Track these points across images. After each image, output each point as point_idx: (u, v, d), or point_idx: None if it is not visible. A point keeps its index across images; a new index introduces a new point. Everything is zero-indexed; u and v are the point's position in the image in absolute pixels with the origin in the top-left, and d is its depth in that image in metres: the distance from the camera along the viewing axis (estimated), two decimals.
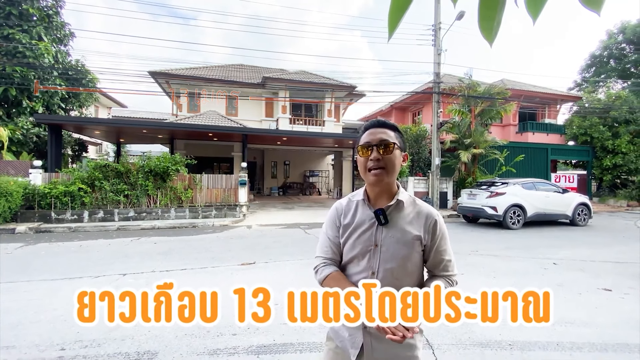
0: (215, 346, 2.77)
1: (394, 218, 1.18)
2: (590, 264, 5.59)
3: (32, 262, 5.48)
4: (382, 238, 1.17)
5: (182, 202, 10.73)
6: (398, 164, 1.19)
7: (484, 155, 14.30)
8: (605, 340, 2.94)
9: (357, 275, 1.19)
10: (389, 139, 1.17)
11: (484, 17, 0.78)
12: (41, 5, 13.55)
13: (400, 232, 1.17)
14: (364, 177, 1.20)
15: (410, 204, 1.23)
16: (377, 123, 1.22)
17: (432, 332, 3.04)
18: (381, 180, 1.16)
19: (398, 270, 1.16)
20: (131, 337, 2.91)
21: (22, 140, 12.51)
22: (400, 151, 1.20)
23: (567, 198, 10.32)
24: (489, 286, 4.47)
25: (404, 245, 1.16)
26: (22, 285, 4.24)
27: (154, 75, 16.95)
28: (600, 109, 18.50)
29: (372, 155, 1.15)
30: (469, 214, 10.71)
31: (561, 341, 2.90)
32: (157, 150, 16.96)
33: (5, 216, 8.62)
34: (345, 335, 1.20)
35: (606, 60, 26.35)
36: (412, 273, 1.19)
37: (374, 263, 1.16)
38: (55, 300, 3.75)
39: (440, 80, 14.05)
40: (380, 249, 1.16)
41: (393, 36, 0.86)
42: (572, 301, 3.89)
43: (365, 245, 1.18)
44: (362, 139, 1.20)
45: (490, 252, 6.40)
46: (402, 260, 1.16)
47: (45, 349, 2.70)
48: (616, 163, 17.54)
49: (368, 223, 1.19)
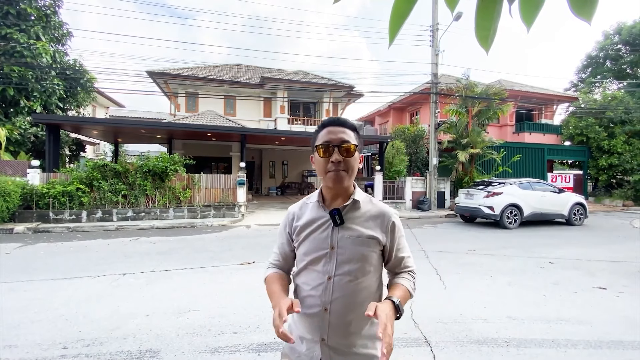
0: (217, 344, 2.81)
1: (350, 218, 1.13)
2: (585, 263, 5.66)
3: (32, 262, 5.48)
4: (338, 239, 1.11)
5: (180, 202, 10.74)
6: (357, 166, 1.15)
7: (481, 156, 14.39)
8: (599, 337, 3.00)
9: (310, 284, 1.12)
10: (350, 140, 1.12)
11: (480, 27, 0.82)
12: (39, 5, 13.49)
13: (356, 233, 1.12)
14: (323, 178, 1.14)
15: (366, 204, 1.18)
16: (337, 121, 1.16)
17: (429, 330, 3.09)
18: (341, 183, 1.11)
19: (356, 272, 1.10)
20: (133, 335, 2.94)
21: (20, 140, 12.45)
22: (358, 152, 1.16)
23: (563, 198, 10.41)
24: (486, 285, 4.55)
25: (361, 246, 1.11)
26: (22, 285, 4.25)
27: (152, 75, 16.91)
28: (596, 110, 18.63)
29: (333, 157, 1.10)
30: (466, 214, 10.78)
31: (557, 338, 2.96)
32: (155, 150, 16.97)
33: (3, 216, 8.59)
34: (302, 350, 1.12)
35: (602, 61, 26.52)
36: (371, 274, 1.13)
37: (331, 267, 1.09)
38: (56, 299, 3.77)
39: (438, 81, 14.13)
40: (336, 251, 1.10)
41: (388, 37, 0.88)
42: (567, 299, 3.95)
43: (321, 249, 1.11)
44: (320, 137, 1.14)
45: (487, 252, 6.47)
46: (360, 261, 1.10)
47: (48, 348, 2.72)
48: (612, 163, 17.68)
49: (323, 225, 1.13)
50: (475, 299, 3.90)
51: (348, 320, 1.08)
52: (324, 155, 1.12)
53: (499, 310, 3.57)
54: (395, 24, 0.85)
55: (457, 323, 3.26)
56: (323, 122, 1.18)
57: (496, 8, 0.81)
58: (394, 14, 0.84)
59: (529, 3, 0.80)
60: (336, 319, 1.07)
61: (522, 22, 0.82)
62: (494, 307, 3.68)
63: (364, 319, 1.08)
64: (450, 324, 3.24)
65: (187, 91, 17.77)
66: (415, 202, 14.06)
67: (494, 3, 0.81)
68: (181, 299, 3.84)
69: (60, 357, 2.59)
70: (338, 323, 1.07)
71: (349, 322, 1.08)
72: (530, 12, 0.81)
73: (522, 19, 0.81)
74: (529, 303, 3.81)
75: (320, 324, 1.08)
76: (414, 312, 3.49)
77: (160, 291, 4.11)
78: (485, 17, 0.81)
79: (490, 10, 0.81)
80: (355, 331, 1.09)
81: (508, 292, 4.21)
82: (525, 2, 0.80)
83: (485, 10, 0.81)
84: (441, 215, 12.44)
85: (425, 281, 4.59)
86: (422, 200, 13.72)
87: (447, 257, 5.98)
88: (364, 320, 1.10)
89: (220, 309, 3.51)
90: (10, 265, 5.28)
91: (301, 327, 1.13)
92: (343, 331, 1.08)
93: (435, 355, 2.68)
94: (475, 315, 3.45)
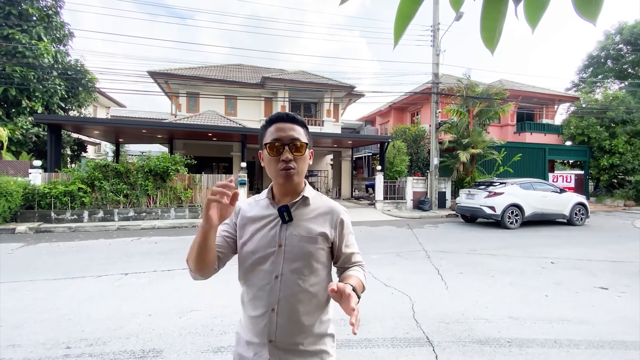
0: (219, 344, 2.81)
1: (299, 215, 1.11)
2: (587, 263, 5.65)
3: (34, 262, 5.50)
4: (285, 236, 1.08)
5: (181, 202, 10.76)
6: (307, 163, 1.14)
7: (482, 155, 14.38)
8: (601, 337, 3.00)
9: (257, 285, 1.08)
10: (301, 138, 1.09)
11: (486, 28, 0.82)
12: (41, 5, 13.52)
13: (305, 230, 1.09)
14: (273, 176, 1.11)
15: (316, 201, 1.16)
16: (286, 117, 1.11)
17: (431, 330, 3.09)
18: (292, 181, 1.09)
19: (304, 269, 1.07)
20: (136, 335, 2.95)
21: (22, 140, 12.49)
22: (308, 150, 1.14)
23: (565, 198, 10.40)
24: (488, 285, 4.55)
25: (308, 243, 1.08)
26: (25, 285, 4.26)
27: (153, 76, 16.93)
28: (597, 110, 18.61)
29: (283, 156, 1.06)
30: (467, 214, 10.78)
31: (559, 338, 2.96)
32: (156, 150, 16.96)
33: (5, 216, 8.62)
34: (250, 356, 1.07)
35: (603, 61, 26.50)
36: (319, 271, 1.11)
37: (278, 266, 1.06)
38: (59, 299, 3.78)
39: (439, 81, 14.13)
40: (284, 249, 1.07)
41: (393, 38, 0.89)
42: (569, 300, 3.95)
43: (269, 247, 1.08)
44: (269, 134, 1.09)
45: (488, 252, 6.46)
46: (308, 259, 1.08)
47: (51, 348, 2.73)
48: (613, 163, 17.66)
49: (271, 222, 1.10)
50: (477, 299, 3.91)
51: (296, 319, 1.05)
52: (273, 153, 1.08)
53: (500, 310, 3.57)
54: (400, 25, 0.85)
55: (459, 323, 3.26)
56: (270, 117, 1.12)
57: (501, 9, 0.81)
58: (399, 15, 0.84)
59: (534, 4, 0.80)
60: (284, 318, 1.04)
61: (527, 23, 0.82)
62: (496, 307, 3.68)
63: (312, 317, 1.08)
64: (452, 324, 3.24)
65: (188, 91, 17.78)
66: (416, 202, 14.05)
67: (500, 4, 0.81)
68: (183, 298, 3.85)
69: (64, 357, 2.60)
70: (286, 323, 1.05)
71: (296, 321, 1.05)
72: (535, 13, 0.81)
73: (526, 20, 0.81)
74: (531, 303, 3.81)
75: (268, 325, 1.04)
76: (416, 312, 3.49)
77: (162, 291, 4.12)
78: (491, 18, 0.82)
79: (496, 11, 0.81)
80: (304, 330, 1.07)
81: (510, 292, 4.21)
82: (530, 3, 0.80)
83: (491, 11, 0.82)
84: (442, 215, 12.43)
85: (426, 281, 4.60)
86: (423, 200, 13.72)
87: (449, 257, 5.98)
88: (312, 318, 1.08)
89: (222, 309, 3.52)
90: (12, 265, 5.29)
91: (248, 331, 1.09)
92: (291, 330, 1.05)
93: (438, 355, 2.68)
94: (477, 315, 3.45)
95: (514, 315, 3.46)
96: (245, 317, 1.11)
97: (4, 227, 8.24)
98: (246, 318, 1.10)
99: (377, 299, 3.89)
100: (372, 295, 4.00)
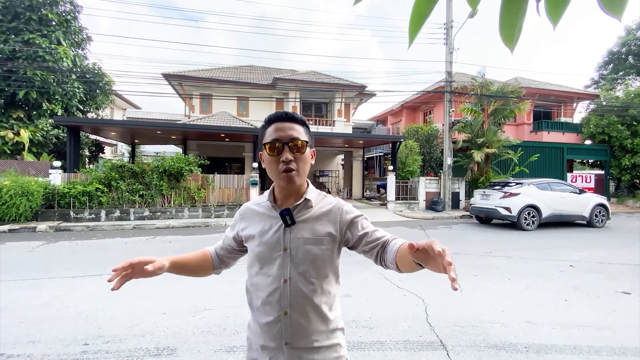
0: (232, 343, 2.83)
1: (302, 217, 1.09)
2: (608, 266, 5.46)
3: (54, 260, 5.67)
4: (290, 240, 1.06)
5: (195, 201, 10.92)
6: (309, 164, 1.11)
7: (497, 155, 14.08)
8: (624, 344, 2.89)
9: (266, 291, 1.07)
10: (300, 137, 1.07)
11: (505, 26, 0.80)
12: (60, 11, 13.95)
13: (309, 232, 1.08)
14: (274, 178, 1.09)
15: (319, 201, 1.14)
16: (285, 116, 1.09)
17: (445, 334, 3.04)
18: (293, 183, 1.06)
19: (312, 271, 1.06)
20: (151, 333, 3.00)
21: (42, 141, 12.92)
22: (309, 149, 1.11)
23: (584, 199, 10.08)
24: (504, 288, 4.44)
25: (314, 245, 1.07)
26: (45, 282, 4.40)
27: (168, 78, 17.25)
28: (618, 107, 17.99)
29: (283, 157, 1.04)
30: (481, 215, 10.57)
31: (578, 345, 2.86)
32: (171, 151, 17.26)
33: (27, 215, 8.92)
34: None
35: (624, 57, 25.55)
36: (327, 273, 1.10)
37: (285, 270, 1.05)
38: (77, 296, 3.89)
39: (452, 79, 13.91)
40: (290, 253, 1.06)
41: (406, 37, 0.87)
42: (589, 304, 3.82)
43: (274, 251, 1.07)
44: (268, 135, 1.07)
45: (504, 254, 6.32)
46: (314, 261, 1.06)
47: (70, 344, 2.80)
48: (635, 163, 17.04)
49: (275, 226, 1.09)
50: (493, 303, 3.82)
51: (309, 319, 1.06)
52: (273, 153, 1.06)
53: (517, 315, 3.48)
54: (415, 25, 0.83)
55: (473, 327, 3.19)
56: (270, 117, 1.10)
57: (522, 6, 0.78)
58: (414, 14, 0.82)
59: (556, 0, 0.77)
60: (297, 320, 1.05)
61: (548, 19, 0.79)
62: (512, 311, 3.59)
63: (324, 314, 1.08)
64: (466, 327, 3.18)
65: (201, 93, 18.03)
66: (429, 202, 13.88)
67: (520, 1, 0.78)
68: (197, 297, 3.90)
69: (82, 353, 2.66)
70: (300, 324, 1.05)
71: (310, 320, 1.06)
72: (556, 9, 0.78)
73: (548, 17, 0.79)
74: (549, 307, 3.71)
75: (282, 328, 1.05)
76: (430, 315, 3.44)
77: (176, 290, 4.19)
78: (511, 16, 0.79)
79: (516, 8, 0.79)
80: (318, 328, 1.07)
81: (526, 295, 4.11)
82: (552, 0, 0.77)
83: (510, 9, 0.79)
84: (456, 216, 12.24)
85: (440, 283, 4.52)
86: (436, 200, 13.53)
87: (463, 259, 5.88)
88: (324, 316, 1.09)
89: (235, 308, 3.55)
90: (33, 262, 5.47)
91: (261, 336, 1.08)
92: (305, 331, 1.06)
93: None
94: (493, 319, 3.38)
95: (531, 319, 3.36)
96: (257, 323, 1.10)
97: (25, 226, 8.53)
98: (258, 324, 1.10)
99: (390, 301, 3.85)
100: (384, 297, 3.97)
